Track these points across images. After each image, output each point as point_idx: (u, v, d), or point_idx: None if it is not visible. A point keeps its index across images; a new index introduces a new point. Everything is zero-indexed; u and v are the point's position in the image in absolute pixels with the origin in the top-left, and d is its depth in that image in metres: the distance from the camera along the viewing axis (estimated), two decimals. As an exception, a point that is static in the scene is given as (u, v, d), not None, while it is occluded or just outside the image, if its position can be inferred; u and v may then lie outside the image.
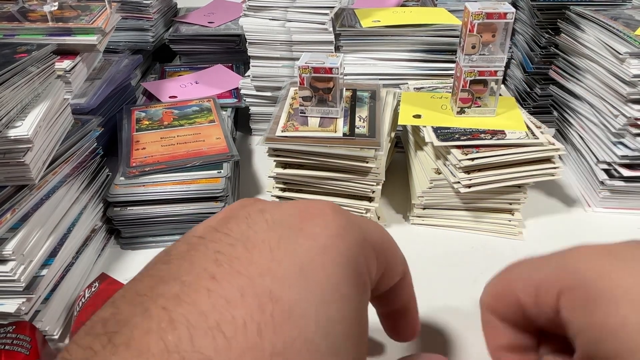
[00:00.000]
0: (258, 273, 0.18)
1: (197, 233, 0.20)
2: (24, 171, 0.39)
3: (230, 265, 0.18)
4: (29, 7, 0.63)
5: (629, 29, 0.51)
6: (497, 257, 0.47)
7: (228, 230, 0.20)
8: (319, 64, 0.47)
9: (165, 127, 0.57)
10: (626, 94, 0.48)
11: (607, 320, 0.21)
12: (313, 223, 0.20)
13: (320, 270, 0.19)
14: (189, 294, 0.17)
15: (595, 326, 0.22)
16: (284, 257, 0.18)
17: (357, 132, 0.47)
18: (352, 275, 0.20)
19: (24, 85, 0.40)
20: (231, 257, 0.18)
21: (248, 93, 0.65)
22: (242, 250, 0.19)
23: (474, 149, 0.46)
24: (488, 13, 0.45)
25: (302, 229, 0.20)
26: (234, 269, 0.18)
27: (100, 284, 0.40)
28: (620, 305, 0.21)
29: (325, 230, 0.20)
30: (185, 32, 0.81)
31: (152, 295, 0.17)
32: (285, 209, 0.21)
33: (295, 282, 0.18)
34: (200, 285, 0.17)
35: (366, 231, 0.22)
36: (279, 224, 0.20)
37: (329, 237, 0.20)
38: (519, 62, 0.71)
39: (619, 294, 0.21)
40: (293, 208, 0.21)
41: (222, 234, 0.20)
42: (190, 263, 0.18)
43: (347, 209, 0.49)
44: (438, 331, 0.39)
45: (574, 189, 0.57)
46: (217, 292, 0.17)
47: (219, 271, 0.18)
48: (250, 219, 0.20)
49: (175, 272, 0.18)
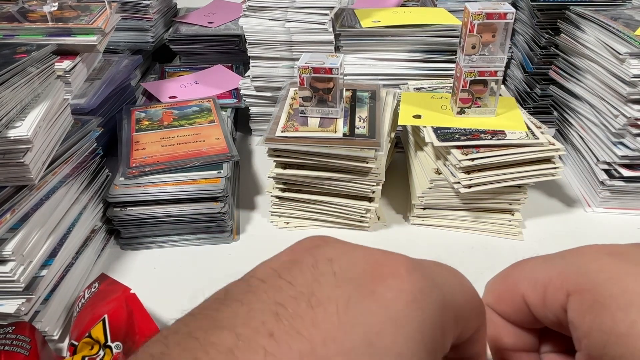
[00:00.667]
0: (321, 339, 0.16)
1: (258, 275, 0.19)
2: (23, 171, 0.39)
3: (290, 324, 0.16)
4: (28, 8, 0.63)
5: (629, 29, 0.51)
6: (497, 257, 0.47)
7: (292, 278, 0.18)
8: (319, 64, 0.47)
9: (165, 127, 0.57)
10: (626, 94, 0.48)
11: (616, 324, 0.21)
12: (386, 285, 0.18)
13: (391, 345, 0.17)
14: (243, 352, 0.16)
15: (603, 330, 0.22)
16: (351, 324, 0.17)
17: (357, 133, 0.47)
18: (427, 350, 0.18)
19: (23, 86, 0.40)
20: (293, 313, 0.17)
21: (248, 93, 0.65)
22: (305, 308, 0.17)
23: (474, 149, 0.46)
24: (488, 13, 0.45)
25: (374, 292, 0.18)
26: (294, 328, 0.16)
27: (100, 285, 0.40)
28: (630, 310, 0.21)
29: (400, 295, 0.18)
30: (185, 33, 0.81)
31: (205, 342, 0.16)
32: (355, 261, 0.19)
33: (360, 356, 0.16)
34: (256, 342, 0.16)
35: (446, 293, 0.20)
36: (348, 280, 0.18)
37: (404, 304, 0.17)
38: (519, 62, 0.71)
39: (629, 299, 0.21)
40: (365, 261, 0.19)
41: (284, 282, 0.18)
42: (248, 310, 0.17)
43: (347, 209, 0.49)
44: (438, 331, 0.39)
45: (574, 189, 0.57)
46: (274, 355, 0.16)
47: (278, 328, 0.16)
48: (317, 270, 0.18)
49: (231, 319, 0.17)
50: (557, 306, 0.25)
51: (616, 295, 0.22)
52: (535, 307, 0.27)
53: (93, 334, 0.33)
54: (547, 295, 0.25)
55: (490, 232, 0.50)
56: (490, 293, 0.31)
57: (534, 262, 0.28)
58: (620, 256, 0.24)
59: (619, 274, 0.23)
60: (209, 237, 0.49)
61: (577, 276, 0.24)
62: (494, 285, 0.31)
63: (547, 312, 0.26)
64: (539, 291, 0.26)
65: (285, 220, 0.51)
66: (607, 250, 0.25)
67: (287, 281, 0.18)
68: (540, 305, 0.26)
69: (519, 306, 0.28)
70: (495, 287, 0.31)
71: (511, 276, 0.29)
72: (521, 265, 0.29)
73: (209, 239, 0.49)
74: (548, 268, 0.26)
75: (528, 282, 0.27)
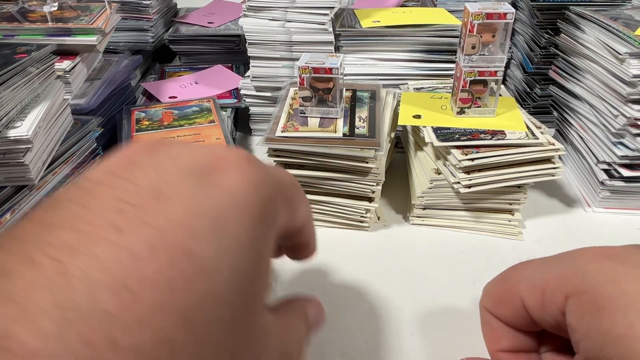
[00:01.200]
0: (170, 227, 0.16)
1: (93, 178, 0.18)
2: (23, 172, 0.39)
3: (137, 216, 0.16)
4: (28, 8, 0.63)
5: (629, 29, 0.51)
6: (497, 257, 0.47)
7: (133, 177, 0.18)
8: (319, 64, 0.47)
9: (165, 127, 0.57)
10: (626, 94, 0.48)
11: (614, 326, 0.21)
12: (229, 175, 0.19)
13: (239, 227, 0.18)
14: (87, 245, 0.15)
15: (601, 331, 0.22)
16: (198, 211, 0.17)
17: (357, 133, 0.47)
18: (267, 229, 0.19)
19: (23, 86, 0.40)
20: (138, 207, 0.16)
21: (248, 93, 0.65)
22: (151, 201, 0.17)
23: (474, 149, 0.46)
24: (488, 13, 0.45)
25: (218, 181, 0.18)
26: (141, 220, 0.16)
27: None
28: (628, 312, 0.21)
29: (242, 184, 0.19)
30: (185, 33, 0.81)
31: (38, 243, 0.15)
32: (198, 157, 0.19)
33: (210, 238, 0.17)
34: (101, 236, 0.15)
35: (279, 182, 0.21)
36: (193, 173, 0.18)
37: (247, 191, 0.19)
38: (519, 62, 0.71)
39: (626, 302, 0.21)
40: (207, 156, 0.20)
41: (125, 181, 0.17)
42: (88, 210, 0.16)
43: (347, 209, 0.49)
44: (438, 331, 0.39)
45: (574, 189, 0.57)
46: (121, 244, 0.15)
47: (124, 222, 0.16)
48: (160, 167, 0.18)
49: (67, 220, 0.16)
50: (555, 309, 0.25)
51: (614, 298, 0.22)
52: (534, 311, 0.27)
53: None
54: (546, 298, 0.26)
55: (490, 232, 0.50)
56: (488, 296, 0.31)
57: (532, 266, 0.28)
58: (617, 258, 0.24)
59: (616, 276, 0.23)
60: (209, 237, 0.49)
61: (575, 279, 0.24)
62: (492, 289, 0.31)
63: (546, 315, 0.26)
64: (537, 294, 0.26)
65: (285, 220, 0.51)
66: (604, 253, 0.25)
67: (129, 180, 0.18)
68: (538, 308, 0.26)
69: (518, 310, 0.28)
70: (493, 290, 0.31)
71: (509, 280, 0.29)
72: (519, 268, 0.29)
73: (209, 239, 0.49)
74: (546, 271, 0.26)
75: (526, 286, 0.27)
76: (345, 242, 0.49)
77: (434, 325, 0.39)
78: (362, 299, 0.42)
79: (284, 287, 0.43)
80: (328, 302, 0.42)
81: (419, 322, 0.39)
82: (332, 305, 0.41)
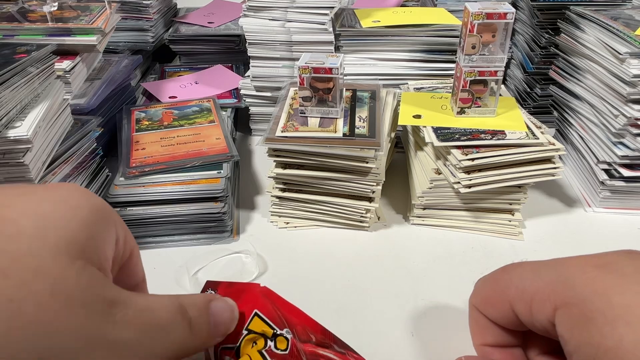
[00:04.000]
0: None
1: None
2: (23, 171, 0.39)
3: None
4: (28, 8, 0.63)
5: (629, 29, 0.51)
6: (497, 257, 0.47)
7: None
8: (319, 64, 0.47)
9: (165, 127, 0.57)
10: (626, 94, 0.48)
11: (604, 338, 0.21)
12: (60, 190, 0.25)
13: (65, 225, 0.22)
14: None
15: (592, 344, 0.22)
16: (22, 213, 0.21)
17: (357, 133, 0.47)
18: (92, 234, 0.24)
19: (23, 86, 0.40)
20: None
21: (248, 93, 0.65)
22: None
23: (474, 149, 0.46)
24: (488, 13, 0.45)
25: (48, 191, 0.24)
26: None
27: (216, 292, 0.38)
28: (617, 325, 0.21)
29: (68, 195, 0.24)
30: (185, 33, 0.81)
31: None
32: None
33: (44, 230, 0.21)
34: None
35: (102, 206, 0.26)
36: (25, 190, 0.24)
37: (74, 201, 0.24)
38: (519, 62, 0.71)
39: (615, 314, 0.22)
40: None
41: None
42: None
43: (347, 209, 0.49)
44: (438, 331, 0.39)
45: (574, 189, 0.57)
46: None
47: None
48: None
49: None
50: (543, 318, 0.25)
51: (602, 310, 0.22)
52: (523, 316, 0.27)
53: (254, 328, 0.31)
54: (534, 307, 0.26)
55: (490, 232, 0.50)
56: (478, 295, 0.32)
57: (523, 270, 0.28)
58: (607, 268, 0.24)
59: (604, 287, 0.23)
60: (209, 237, 0.49)
61: (564, 289, 0.24)
62: (483, 288, 0.31)
63: (534, 321, 0.26)
64: (526, 301, 0.26)
65: (285, 220, 0.51)
66: (594, 262, 0.25)
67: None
68: (527, 314, 0.26)
69: (506, 312, 0.28)
70: (484, 290, 0.31)
71: (500, 281, 0.29)
72: (510, 270, 0.29)
73: (208, 239, 0.49)
74: (536, 278, 0.26)
75: (516, 290, 0.27)
76: (345, 242, 0.49)
77: (434, 325, 0.39)
78: (362, 299, 0.42)
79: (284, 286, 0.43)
80: (328, 302, 0.42)
81: (419, 322, 0.39)
82: (331, 305, 0.41)
